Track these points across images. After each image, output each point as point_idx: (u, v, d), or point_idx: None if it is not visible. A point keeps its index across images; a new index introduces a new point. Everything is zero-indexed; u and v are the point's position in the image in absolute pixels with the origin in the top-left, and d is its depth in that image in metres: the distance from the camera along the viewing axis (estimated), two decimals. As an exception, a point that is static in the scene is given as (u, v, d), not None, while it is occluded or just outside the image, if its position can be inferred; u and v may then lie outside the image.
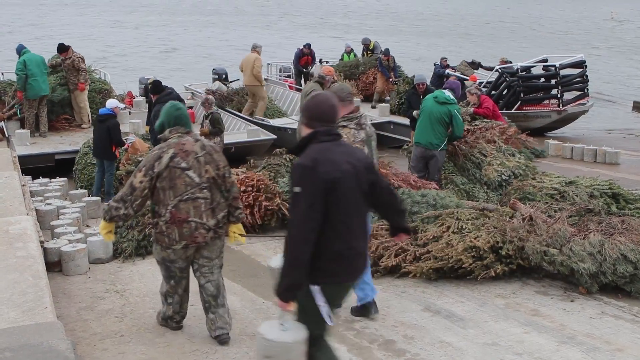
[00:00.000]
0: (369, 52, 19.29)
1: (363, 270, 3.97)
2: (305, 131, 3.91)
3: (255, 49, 15.58)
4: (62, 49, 13.83)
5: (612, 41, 46.31)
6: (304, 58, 18.93)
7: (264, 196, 8.26)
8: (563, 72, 16.80)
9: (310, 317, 3.82)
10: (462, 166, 9.99)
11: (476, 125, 10.70)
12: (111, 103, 10.67)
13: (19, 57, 13.14)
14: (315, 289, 3.75)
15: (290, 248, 3.67)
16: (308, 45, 19.13)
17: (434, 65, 18.39)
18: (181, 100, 10.66)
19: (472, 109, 11.76)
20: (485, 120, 11.20)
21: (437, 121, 9.45)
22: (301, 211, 3.65)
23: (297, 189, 3.71)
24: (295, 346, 3.78)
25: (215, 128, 10.96)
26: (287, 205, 8.35)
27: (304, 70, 18.85)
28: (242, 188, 8.21)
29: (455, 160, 10.16)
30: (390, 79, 17.41)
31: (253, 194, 8.22)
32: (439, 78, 17.16)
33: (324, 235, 3.69)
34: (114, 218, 4.96)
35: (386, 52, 17.52)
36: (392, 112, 16.23)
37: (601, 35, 50.55)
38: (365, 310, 5.79)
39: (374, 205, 4.10)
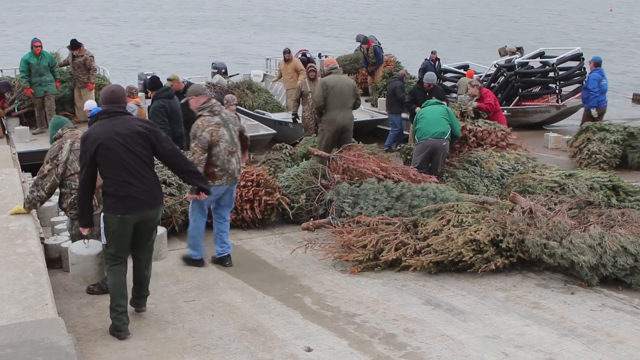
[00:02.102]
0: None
1: (140, 208, 5.23)
2: None
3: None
4: (76, 45, 13.68)
5: (610, 33, 46.26)
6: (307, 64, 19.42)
7: (263, 191, 8.25)
8: (561, 65, 16.76)
9: (105, 239, 5.30)
10: (461, 167, 10.00)
11: (479, 126, 10.63)
12: (92, 104, 10.65)
13: (43, 50, 13.08)
14: (102, 216, 5.26)
15: (77, 193, 5.42)
16: (304, 53, 19.50)
17: (425, 60, 18.34)
18: (179, 96, 10.68)
19: (475, 103, 11.73)
20: (488, 122, 11.15)
21: (439, 115, 9.78)
22: (81, 168, 5.27)
23: (80, 154, 5.33)
24: (90, 258, 5.58)
25: None
26: (287, 200, 8.37)
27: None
28: (242, 183, 8.21)
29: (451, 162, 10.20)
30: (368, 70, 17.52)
31: (253, 189, 8.22)
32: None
33: (104, 182, 5.22)
34: (32, 201, 6.17)
35: (364, 41, 17.54)
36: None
37: (599, 27, 50.48)
38: (221, 261, 7.05)
39: (166, 165, 5.74)
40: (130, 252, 5.48)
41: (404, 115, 13.70)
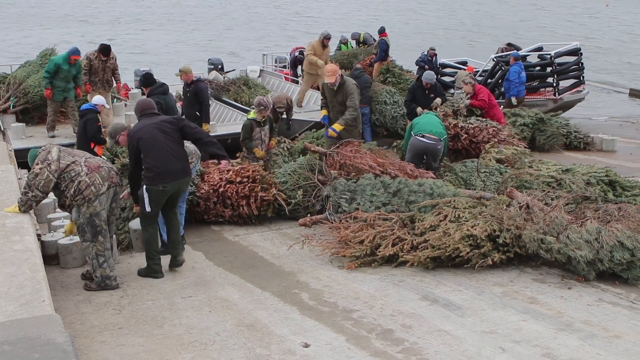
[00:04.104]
0: (360, 44, 19.39)
1: (176, 177, 6.56)
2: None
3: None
4: (109, 50, 13.58)
5: (607, 29, 46.27)
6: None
7: (259, 187, 8.25)
8: (558, 60, 16.83)
9: (143, 205, 6.61)
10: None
11: (470, 124, 10.63)
12: (98, 99, 10.57)
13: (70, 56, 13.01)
14: (143, 188, 6.54)
15: (128, 179, 6.70)
16: (301, 50, 19.29)
17: (422, 54, 18.28)
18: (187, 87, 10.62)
19: (468, 101, 11.70)
20: (479, 118, 11.13)
21: (436, 120, 9.82)
22: (130, 159, 6.67)
23: (128, 148, 6.73)
24: (130, 230, 7.52)
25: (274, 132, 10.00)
26: (283, 195, 8.37)
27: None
28: (238, 179, 8.20)
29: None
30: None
31: (249, 185, 8.21)
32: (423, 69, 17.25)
33: (145, 163, 6.47)
34: (28, 202, 6.29)
35: (380, 30, 17.46)
36: None
37: (596, 23, 50.48)
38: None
39: (192, 140, 6.90)
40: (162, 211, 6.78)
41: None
